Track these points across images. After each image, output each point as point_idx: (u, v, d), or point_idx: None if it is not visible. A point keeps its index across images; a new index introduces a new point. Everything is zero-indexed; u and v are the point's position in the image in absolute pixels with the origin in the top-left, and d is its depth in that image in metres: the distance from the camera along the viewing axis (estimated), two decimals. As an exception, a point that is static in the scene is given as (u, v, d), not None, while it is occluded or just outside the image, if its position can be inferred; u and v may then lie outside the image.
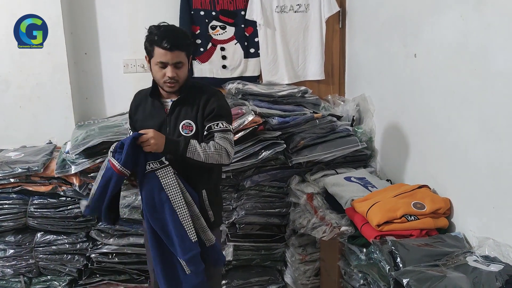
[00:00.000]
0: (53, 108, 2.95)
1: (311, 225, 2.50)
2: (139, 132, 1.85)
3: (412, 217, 2.03)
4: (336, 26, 3.30)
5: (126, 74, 3.11)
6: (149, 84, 2.07)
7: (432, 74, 2.24)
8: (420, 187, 2.22)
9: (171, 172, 1.86)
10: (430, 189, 2.23)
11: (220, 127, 1.95)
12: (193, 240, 1.87)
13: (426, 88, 2.29)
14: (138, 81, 2.97)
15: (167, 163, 1.86)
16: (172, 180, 1.86)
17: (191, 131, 1.97)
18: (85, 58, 3.07)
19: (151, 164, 1.85)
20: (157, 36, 1.88)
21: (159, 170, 1.85)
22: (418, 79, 2.37)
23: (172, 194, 1.86)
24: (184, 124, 1.97)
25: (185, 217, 1.86)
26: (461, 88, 2.01)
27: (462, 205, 2.04)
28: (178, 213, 1.86)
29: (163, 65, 1.90)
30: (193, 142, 1.89)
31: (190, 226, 1.87)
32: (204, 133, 1.97)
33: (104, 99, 3.11)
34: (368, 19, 2.97)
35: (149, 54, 1.95)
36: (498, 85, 1.79)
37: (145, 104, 2.06)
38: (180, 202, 1.86)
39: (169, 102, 2.02)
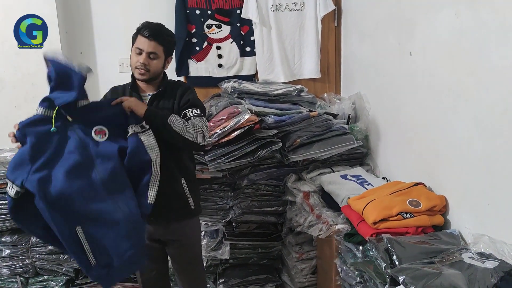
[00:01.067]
0: (49, 107, 2.94)
1: (308, 223, 2.50)
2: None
3: (408, 215, 2.03)
4: (332, 24, 3.30)
5: (121, 74, 3.09)
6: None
7: (427, 72, 2.25)
8: (416, 184, 2.23)
9: (152, 135, 1.88)
10: (426, 186, 2.24)
11: (195, 113, 2.06)
12: (149, 201, 1.87)
13: (422, 85, 2.30)
14: (134, 80, 2.97)
15: (147, 127, 1.89)
16: (155, 142, 1.87)
17: None
18: (81, 57, 3.06)
19: (133, 127, 1.86)
20: (143, 26, 2.05)
21: (142, 134, 1.86)
22: (413, 77, 2.37)
23: (155, 157, 1.87)
24: None
25: (157, 179, 1.88)
26: (456, 86, 2.02)
27: (458, 203, 2.05)
28: (153, 173, 1.86)
29: (139, 51, 2.03)
30: (175, 114, 1.99)
31: (155, 188, 1.88)
32: None
33: (99, 99, 3.09)
34: (363, 17, 2.97)
35: (133, 43, 2.08)
36: (492, 83, 1.79)
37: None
38: (158, 165, 1.88)
39: (147, 96, 2.12)
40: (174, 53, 2.20)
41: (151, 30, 2.02)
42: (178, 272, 2.36)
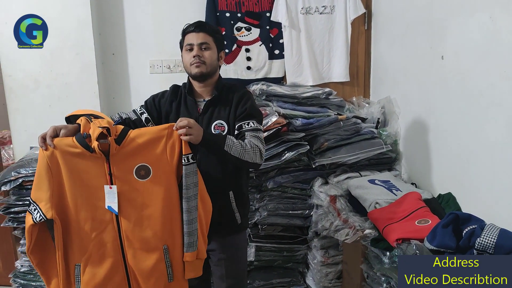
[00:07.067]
0: (81, 107, 2.95)
1: (334, 227, 2.48)
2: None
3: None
4: (362, 27, 3.27)
5: (152, 75, 3.15)
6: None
7: (459, 76, 2.21)
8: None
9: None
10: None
11: (251, 126, 1.95)
12: None
13: (453, 90, 2.26)
14: (164, 81, 3.01)
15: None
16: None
17: (223, 131, 1.98)
18: (113, 58, 3.13)
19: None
20: (186, 26, 2.02)
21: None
22: (445, 81, 2.33)
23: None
24: (216, 124, 1.99)
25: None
26: (489, 90, 1.98)
27: (488, 210, 2.00)
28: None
29: (190, 47, 1.98)
30: (230, 136, 1.88)
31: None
32: (235, 133, 1.97)
33: (130, 99, 3.16)
34: (394, 21, 2.94)
35: (181, 46, 2.04)
36: (528, 88, 1.75)
37: (179, 100, 2.08)
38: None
39: (202, 102, 2.04)
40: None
41: (195, 24, 2.00)
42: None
